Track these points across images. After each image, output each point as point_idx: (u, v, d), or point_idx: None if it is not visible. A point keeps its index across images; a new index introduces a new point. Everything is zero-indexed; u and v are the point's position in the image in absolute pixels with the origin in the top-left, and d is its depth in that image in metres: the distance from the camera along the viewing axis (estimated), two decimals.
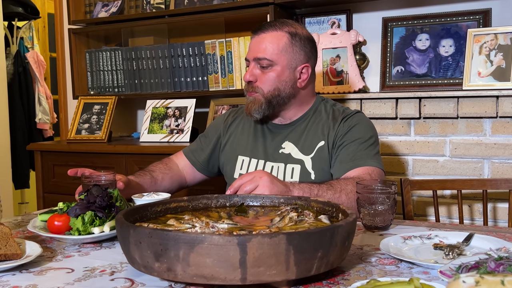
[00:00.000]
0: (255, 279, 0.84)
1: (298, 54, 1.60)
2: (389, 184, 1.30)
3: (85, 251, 1.15)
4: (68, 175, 2.14)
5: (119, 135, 3.07)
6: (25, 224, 1.40)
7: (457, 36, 2.32)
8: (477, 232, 1.22)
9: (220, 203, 1.25)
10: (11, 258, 1.05)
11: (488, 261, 0.85)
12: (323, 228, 0.90)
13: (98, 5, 2.92)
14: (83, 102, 2.84)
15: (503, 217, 2.13)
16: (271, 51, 1.58)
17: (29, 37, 4.45)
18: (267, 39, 1.59)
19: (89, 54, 2.95)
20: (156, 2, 2.76)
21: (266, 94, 1.59)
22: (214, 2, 2.60)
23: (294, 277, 0.87)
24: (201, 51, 2.64)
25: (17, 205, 4.41)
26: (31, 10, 4.32)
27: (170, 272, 0.86)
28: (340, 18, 2.53)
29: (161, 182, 1.70)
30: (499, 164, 2.13)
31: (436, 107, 2.18)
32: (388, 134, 2.31)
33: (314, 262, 0.88)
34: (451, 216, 2.22)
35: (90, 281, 0.96)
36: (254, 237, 0.83)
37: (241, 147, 1.72)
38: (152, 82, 2.78)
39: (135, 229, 0.90)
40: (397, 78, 2.41)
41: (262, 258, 0.83)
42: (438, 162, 2.23)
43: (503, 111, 2.07)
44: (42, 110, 4.23)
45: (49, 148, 2.75)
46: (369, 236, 1.25)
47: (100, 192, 1.29)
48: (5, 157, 3.81)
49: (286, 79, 1.60)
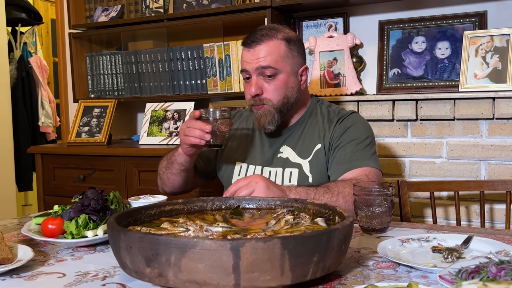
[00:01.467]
0: (249, 285, 0.80)
1: (297, 58, 1.55)
2: (386, 186, 1.26)
3: (78, 255, 1.10)
4: (67, 178, 2.10)
5: (119, 137, 3.02)
6: (21, 227, 1.35)
7: (453, 38, 2.28)
8: (475, 234, 1.17)
9: (215, 205, 1.20)
10: (2, 262, 1.00)
11: (488, 265, 0.80)
12: (319, 232, 0.85)
13: (98, 10, 2.88)
14: (83, 105, 2.79)
15: (500, 218, 2.08)
16: (274, 59, 1.49)
17: (32, 42, 4.41)
18: (264, 49, 1.50)
19: (89, 58, 2.91)
20: (155, 7, 2.72)
21: (276, 104, 1.52)
22: (212, 6, 2.55)
23: (289, 283, 0.82)
24: (200, 55, 2.60)
25: (21, 207, 4.38)
26: (34, 15, 4.28)
27: (161, 278, 0.81)
28: (337, 21, 2.48)
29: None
30: (496, 166, 2.08)
31: (433, 109, 2.13)
32: (385, 136, 2.26)
33: (310, 266, 0.83)
34: (448, 218, 2.17)
35: (80, 286, 0.91)
36: (247, 241, 0.78)
37: (239, 153, 1.67)
38: (151, 85, 2.73)
39: (125, 233, 0.85)
40: (394, 80, 2.36)
41: (256, 263, 0.78)
42: (435, 164, 2.18)
43: (499, 112, 2.02)
44: (45, 113, 4.19)
45: (49, 151, 2.70)
46: (367, 238, 1.20)
47: (95, 195, 1.25)
48: (9, 160, 3.78)
49: (292, 85, 1.54)
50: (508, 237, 1.18)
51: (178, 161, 1.58)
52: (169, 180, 1.66)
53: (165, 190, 1.73)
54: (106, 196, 1.31)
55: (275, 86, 1.51)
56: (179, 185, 1.68)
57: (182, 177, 1.65)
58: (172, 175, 1.64)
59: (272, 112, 1.52)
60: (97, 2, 2.91)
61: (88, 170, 2.55)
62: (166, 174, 1.66)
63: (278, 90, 1.51)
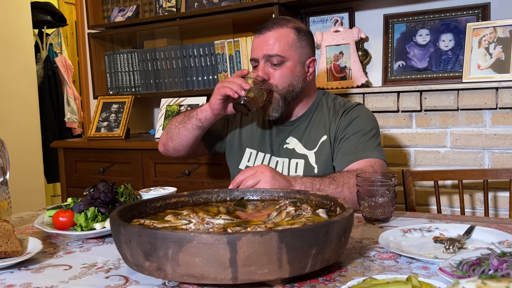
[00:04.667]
0: (246, 278, 0.75)
1: (306, 48, 1.49)
2: (389, 176, 1.19)
3: (87, 247, 1.07)
4: (88, 171, 2.01)
5: (138, 132, 3.00)
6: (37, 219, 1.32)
7: (456, 30, 2.18)
8: (478, 223, 1.10)
9: (220, 197, 1.15)
10: (11, 255, 0.97)
11: (490, 257, 0.74)
12: (317, 224, 0.79)
13: (115, 10, 2.84)
14: (102, 101, 2.76)
15: (504, 206, 1.99)
16: (282, 47, 1.44)
17: (57, 43, 4.41)
18: (274, 36, 1.45)
19: (107, 56, 2.87)
20: (168, 6, 2.67)
21: (281, 91, 1.46)
22: (222, 4, 2.49)
23: (287, 276, 0.77)
24: (211, 51, 2.54)
25: (50, 198, 4.40)
26: (59, 18, 4.28)
27: (160, 271, 0.77)
28: (342, 16, 2.41)
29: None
30: (499, 154, 1.99)
31: (437, 100, 2.05)
32: (390, 127, 2.18)
33: (308, 259, 0.77)
34: (452, 205, 2.09)
35: (85, 279, 0.87)
36: (244, 235, 0.73)
37: (249, 140, 1.60)
38: (166, 81, 2.69)
39: (125, 227, 0.80)
40: (399, 72, 2.28)
41: (253, 257, 0.73)
42: (439, 153, 2.10)
43: (502, 102, 1.93)
44: (71, 110, 4.19)
45: (71, 145, 2.68)
46: (370, 228, 1.14)
47: (105, 188, 1.21)
48: (37, 154, 3.79)
49: (298, 73, 1.47)
50: (511, 227, 1.11)
51: (199, 116, 1.50)
52: (179, 135, 1.57)
53: (168, 146, 1.63)
54: (117, 188, 1.27)
55: (281, 73, 1.45)
56: (186, 143, 1.58)
57: (193, 136, 1.55)
58: (185, 130, 1.55)
59: (277, 99, 1.47)
60: (114, 3, 2.87)
61: (107, 163, 2.53)
62: (178, 128, 1.57)
63: (284, 77, 1.45)
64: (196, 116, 1.51)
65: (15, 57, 3.59)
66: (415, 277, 0.71)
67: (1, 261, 0.93)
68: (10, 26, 3.55)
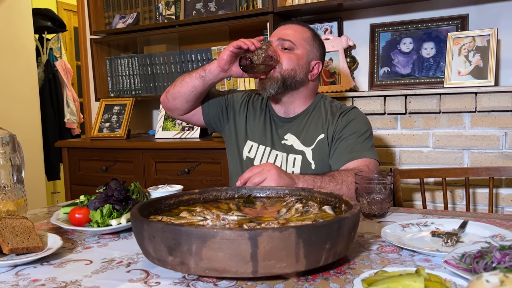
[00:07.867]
0: (266, 271, 0.74)
1: (316, 50, 1.53)
2: (385, 175, 1.20)
3: (103, 242, 1.05)
4: (91, 169, 1.99)
5: (137, 132, 2.96)
6: (50, 216, 1.29)
7: (438, 39, 2.21)
8: (468, 218, 1.11)
9: (229, 195, 1.14)
10: (33, 251, 0.94)
11: (492, 251, 0.74)
12: (331, 221, 0.79)
13: (116, 17, 2.80)
14: (104, 103, 2.72)
15: (482, 201, 2.02)
16: (296, 37, 1.50)
17: (57, 48, 4.33)
18: (293, 28, 1.52)
19: (109, 61, 2.83)
20: (168, 14, 2.64)
21: (284, 72, 1.47)
22: (219, 13, 2.48)
23: (303, 269, 0.76)
24: (208, 57, 2.52)
25: (50, 194, 4.33)
26: (58, 24, 4.20)
27: (183, 266, 0.76)
28: (332, 25, 2.41)
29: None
30: (478, 154, 2.02)
31: (420, 103, 2.07)
32: (377, 128, 2.19)
33: (322, 253, 0.77)
34: (435, 201, 2.11)
35: (107, 273, 0.85)
36: (264, 231, 0.72)
37: (252, 132, 1.58)
38: (165, 85, 2.67)
39: (148, 223, 0.79)
40: (384, 78, 2.30)
41: (273, 251, 0.73)
42: (422, 153, 2.12)
43: (481, 106, 1.96)
44: (70, 111, 4.13)
45: (74, 145, 2.64)
46: (368, 223, 1.15)
47: (117, 186, 1.19)
48: (38, 153, 3.73)
49: (303, 64, 1.49)
50: (498, 221, 1.12)
51: (205, 67, 1.49)
52: (181, 82, 1.53)
53: (169, 92, 1.58)
54: (128, 186, 1.25)
55: (288, 56, 1.48)
56: (185, 91, 1.52)
57: (193, 85, 1.50)
58: (188, 77, 1.51)
59: (278, 77, 1.47)
60: (115, 10, 2.83)
61: (110, 161, 2.49)
62: (183, 76, 1.54)
63: (291, 60, 1.48)
64: (203, 67, 1.51)
65: (17, 61, 3.52)
66: (423, 269, 0.71)
67: (24, 257, 0.91)
68: (13, 31, 3.48)
